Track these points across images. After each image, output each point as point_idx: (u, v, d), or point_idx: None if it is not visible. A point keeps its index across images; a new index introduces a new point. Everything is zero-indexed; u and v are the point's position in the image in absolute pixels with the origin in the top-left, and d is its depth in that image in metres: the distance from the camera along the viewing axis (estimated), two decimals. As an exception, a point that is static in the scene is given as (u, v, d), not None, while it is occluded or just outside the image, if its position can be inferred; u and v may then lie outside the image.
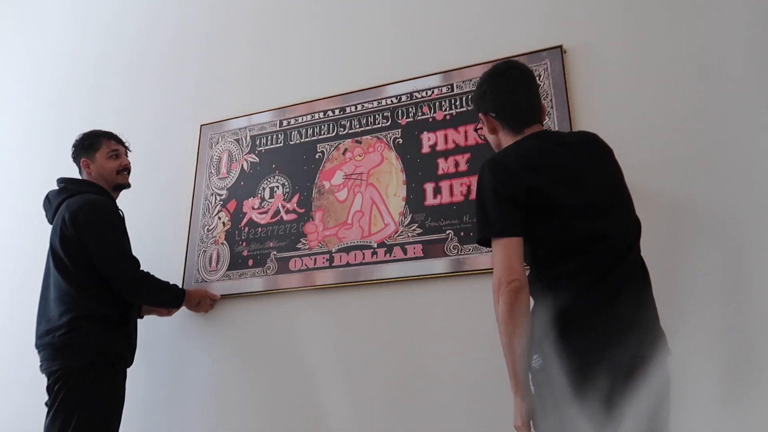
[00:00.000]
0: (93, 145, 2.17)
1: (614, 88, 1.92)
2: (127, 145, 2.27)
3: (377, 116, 2.25)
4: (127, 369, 2.04)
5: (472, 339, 1.85)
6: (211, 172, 2.49)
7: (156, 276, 2.10)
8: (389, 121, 2.23)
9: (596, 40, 1.99)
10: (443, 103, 2.15)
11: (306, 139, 2.35)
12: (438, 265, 1.97)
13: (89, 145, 2.17)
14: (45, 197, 2.16)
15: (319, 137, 2.33)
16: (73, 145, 2.20)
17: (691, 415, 1.24)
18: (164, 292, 2.13)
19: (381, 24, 2.39)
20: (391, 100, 2.24)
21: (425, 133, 2.15)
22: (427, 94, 2.19)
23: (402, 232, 2.06)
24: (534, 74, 1.54)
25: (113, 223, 2.05)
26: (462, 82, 2.14)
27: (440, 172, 2.08)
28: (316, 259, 2.16)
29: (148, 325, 2.27)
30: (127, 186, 2.23)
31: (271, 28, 2.63)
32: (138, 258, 2.07)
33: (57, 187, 2.15)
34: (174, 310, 2.25)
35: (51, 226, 2.11)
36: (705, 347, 1.37)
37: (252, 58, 2.62)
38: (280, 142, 2.40)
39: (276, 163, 2.38)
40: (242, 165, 2.44)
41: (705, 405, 1.29)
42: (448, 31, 2.24)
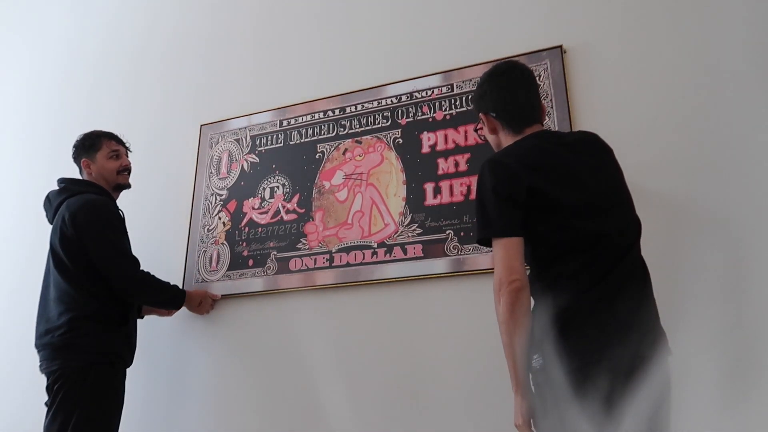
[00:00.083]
0: (94, 145, 2.17)
1: (614, 88, 1.92)
2: (127, 145, 2.27)
3: (377, 116, 2.25)
4: (128, 369, 2.04)
5: (472, 339, 1.85)
6: (212, 172, 2.49)
7: (156, 276, 2.10)
8: (389, 121, 2.23)
9: (596, 40, 1.99)
10: (443, 103, 2.16)
11: (306, 139, 2.35)
12: (438, 265, 1.97)
13: (90, 146, 2.17)
14: (45, 197, 2.16)
15: (319, 137, 2.33)
16: (74, 146, 2.21)
17: (691, 415, 1.24)
18: (164, 292, 2.13)
19: (381, 24, 2.39)
20: (391, 100, 2.24)
21: (425, 133, 2.15)
22: (427, 94, 2.19)
23: (402, 232, 2.06)
24: (534, 74, 1.54)
25: (113, 223, 2.05)
26: (462, 82, 2.14)
27: (440, 172, 2.08)
28: (316, 259, 2.16)
29: (148, 325, 2.27)
30: (128, 186, 2.23)
31: (271, 28, 2.63)
32: (138, 258, 2.07)
33: (57, 187, 2.15)
34: (174, 310, 2.25)
35: (51, 226, 2.11)
36: (705, 347, 1.38)
37: (252, 58, 2.62)
38: (280, 142, 2.40)
39: (276, 163, 2.38)
40: (242, 165, 2.44)
41: (705, 405, 1.29)
42: (448, 31, 2.24)
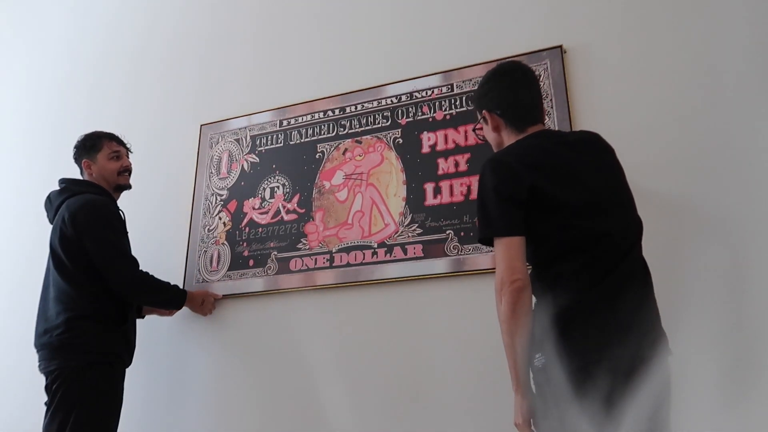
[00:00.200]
0: (94, 146, 2.17)
1: (614, 88, 1.92)
2: (128, 146, 2.27)
3: (377, 116, 2.25)
4: (128, 369, 2.04)
5: (472, 339, 1.86)
6: (212, 172, 2.49)
7: (157, 276, 2.10)
8: (389, 121, 2.23)
9: (596, 40, 1.99)
10: (443, 103, 2.16)
11: (306, 139, 2.35)
12: (438, 265, 1.97)
13: (91, 146, 2.17)
14: (46, 197, 2.16)
15: (319, 137, 2.33)
16: (75, 146, 2.21)
17: (692, 415, 1.24)
18: (164, 291, 2.13)
19: (381, 24, 2.39)
20: (391, 100, 2.24)
21: (425, 133, 2.15)
22: (427, 94, 2.19)
23: (402, 232, 2.07)
24: (536, 75, 1.54)
25: (113, 223, 2.05)
26: (462, 82, 2.14)
27: (440, 172, 2.08)
28: (316, 259, 2.16)
29: (148, 325, 2.27)
30: (128, 187, 2.23)
31: (271, 28, 2.63)
32: (139, 258, 2.07)
33: (58, 188, 2.15)
34: (175, 310, 2.25)
35: (51, 226, 2.11)
36: (705, 347, 1.38)
37: (252, 58, 2.62)
38: (280, 142, 2.40)
39: (276, 163, 2.38)
40: (242, 165, 2.44)
41: (705, 405, 1.29)
42: (448, 31, 2.24)
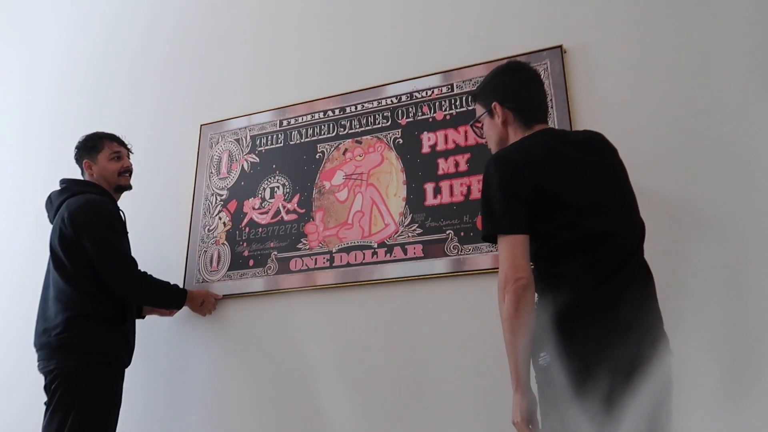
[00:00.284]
0: (95, 146, 2.18)
1: (614, 88, 1.93)
2: (129, 147, 2.27)
3: (377, 116, 2.25)
4: (127, 369, 2.04)
5: (472, 339, 1.86)
6: (212, 172, 2.49)
7: (157, 276, 2.09)
8: (389, 121, 2.23)
9: (596, 40, 1.99)
10: (443, 103, 2.16)
11: (306, 139, 2.35)
12: (438, 265, 1.97)
13: (92, 147, 2.18)
14: (47, 197, 2.16)
15: (319, 137, 2.33)
16: (76, 147, 2.21)
17: (692, 415, 1.24)
18: (162, 291, 2.12)
19: (381, 24, 2.39)
20: (391, 100, 2.24)
21: (425, 133, 2.15)
22: (427, 94, 2.19)
23: (402, 232, 2.07)
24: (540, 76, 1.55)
25: (112, 223, 2.05)
26: (462, 82, 2.14)
27: (440, 172, 2.08)
28: (316, 260, 2.16)
29: (148, 325, 2.27)
30: (129, 188, 2.24)
31: (271, 28, 2.63)
32: (139, 258, 2.07)
33: (59, 188, 2.15)
34: (175, 310, 2.25)
35: (51, 226, 2.11)
36: (705, 347, 1.38)
37: (252, 58, 2.62)
38: (280, 142, 2.40)
39: (276, 163, 2.38)
40: (242, 165, 2.44)
41: (705, 405, 1.29)
42: (448, 31, 2.24)
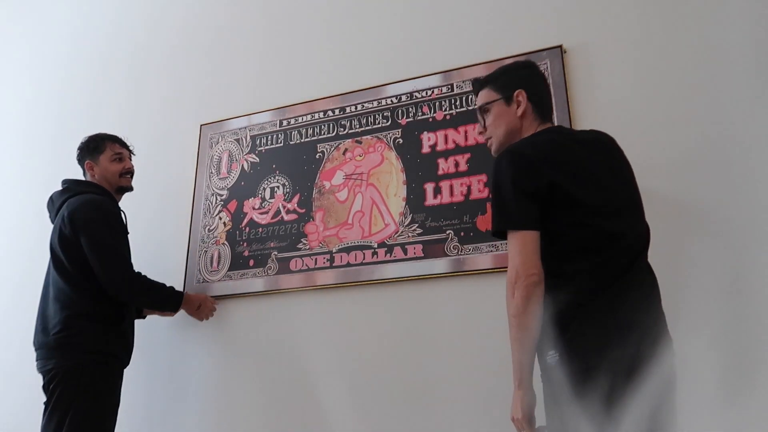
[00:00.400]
0: (98, 148, 2.18)
1: (614, 88, 1.93)
2: (131, 148, 2.28)
3: (377, 116, 2.25)
4: (127, 369, 2.04)
5: (472, 339, 1.86)
6: (212, 172, 2.49)
7: (157, 276, 2.09)
8: (389, 121, 2.23)
9: (596, 40, 1.99)
10: (443, 103, 2.16)
11: (306, 139, 2.35)
12: (438, 265, 1.97)
13: (94, 148, 2.18)
14: (49, 198, 2.17)
15: (319, 137, 2.33)
16: (78, 148, 2.22)
17: (693, 415, 1.24)
18: (157, 292, 2.09)
19: (381, 24, 2.39)
20: (391, 100, 2.24)
21: (425, 133, 2.15)
22: (427, 94, 2.19)
23: (402, 232, 2.07)
24: None
25: (110, 222, 2.05)
26: (462, 82, 2.14)
27: (440, 172, 2.08)
28: (316, 260, 2.17)
29: (148, 325, 2.27)
30: (130, 189, 2.24)
31: (271, 29, 2.63)
32: (139, 259, 2.08)
33: (61, 188, 2.15)
34: (171, 312, 2.20)
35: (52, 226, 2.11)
36: (706, 347, 1.38)
37: (252, 58, 2.62)
38: (280, 142, 2.40)
39: (276, 163, 2.38)
40: (242, 165, 2.44)
41: (706, 404, 1.29)
42: (448, 31, 2.24)
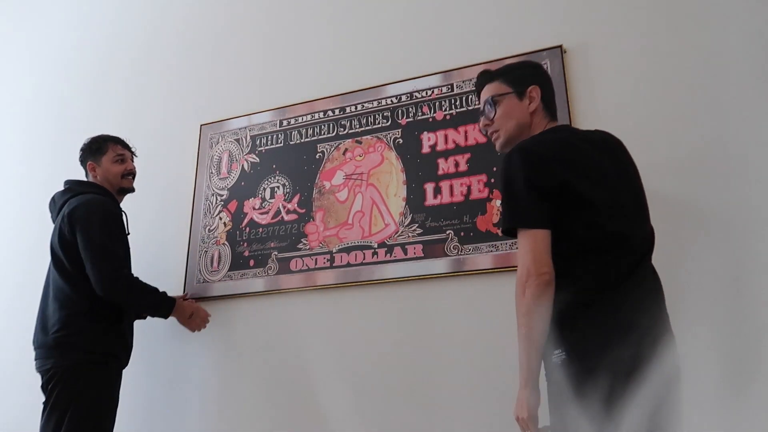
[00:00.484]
0: (100, 149, 2.19)
1: (614, 88, 1.93)
2: (133, 150, 2.28)
3: (377, 116, 2.25)
4: (127, 369, 2.04)
5: (472, 339, 1.86)
6: (212, 173, 2.49)
7: (157, 276, 2.09)
8: (389, 121, 2.23)
9: (596, 40, 1.99)
10: (443, 103, 2.16)
11: (306, 139, 2.36)
12: (438, 265, 1.97)
13: (96, 149, 2.19)
14: (51, 198, 2.17)
15: (319, 137, 2.33)
16: (81, 149, 2.22)
17: (694, 415, 1.24)
18: (148, 295, 2.04)
19: (381, 24, 2.39)
20: (391, 100, 2.24)
21: (425, 133, 2.15)
22: (427, 94, 2.19)
23: (402, 232, 2.07)
24: None
25: (107, 222, 2.04)
26: (462, 82, 2.14)
27: (440, 172, 2.08)
28: (316, 260, 2.17)
29: (148, 325, 2.27)
30: (132, 190, 2.24)
31: (271, 29, 2.63)
32: (139, 259, 2.08)
33: (63, 188, 2.16)
34: (161, 318, 2.13)
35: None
36: (706, 346, 1.38)
37: (252, 58, 2.62)
38: (281, 142, 2.40)
39: (276, 163, 2.38)
40: (243, 165, 2.44)
41: (707, 404, 1.29)
42: (448, 31, 2.24)
